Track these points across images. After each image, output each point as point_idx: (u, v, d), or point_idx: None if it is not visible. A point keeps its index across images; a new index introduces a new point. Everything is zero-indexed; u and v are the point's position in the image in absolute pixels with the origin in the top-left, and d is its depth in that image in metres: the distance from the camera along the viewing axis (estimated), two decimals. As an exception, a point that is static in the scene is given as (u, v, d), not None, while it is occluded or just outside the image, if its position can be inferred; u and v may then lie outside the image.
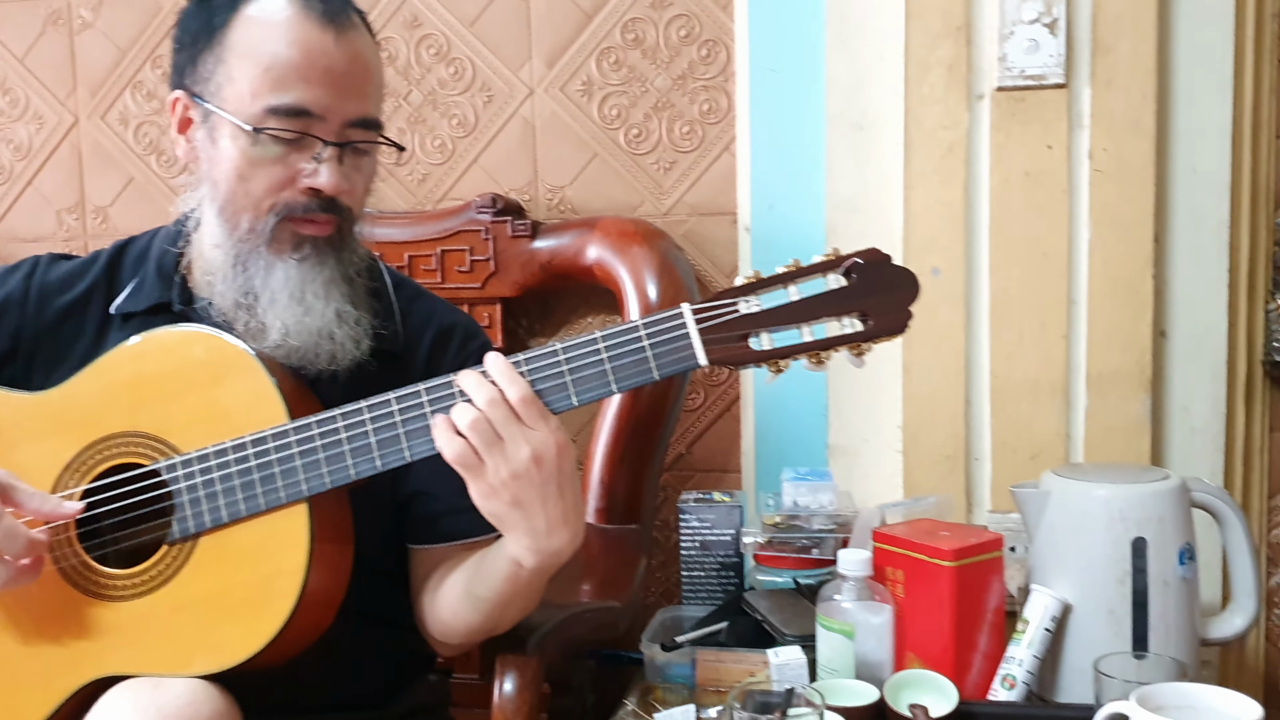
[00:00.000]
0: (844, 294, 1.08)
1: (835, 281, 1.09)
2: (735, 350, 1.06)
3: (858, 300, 1.08)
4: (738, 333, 1.06)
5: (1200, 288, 1.59)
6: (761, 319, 1.07)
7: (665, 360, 1.05)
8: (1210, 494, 1.27)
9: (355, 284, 1.18)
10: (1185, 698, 0.96)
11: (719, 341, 1.05)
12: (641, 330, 1.05)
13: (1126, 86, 1.52)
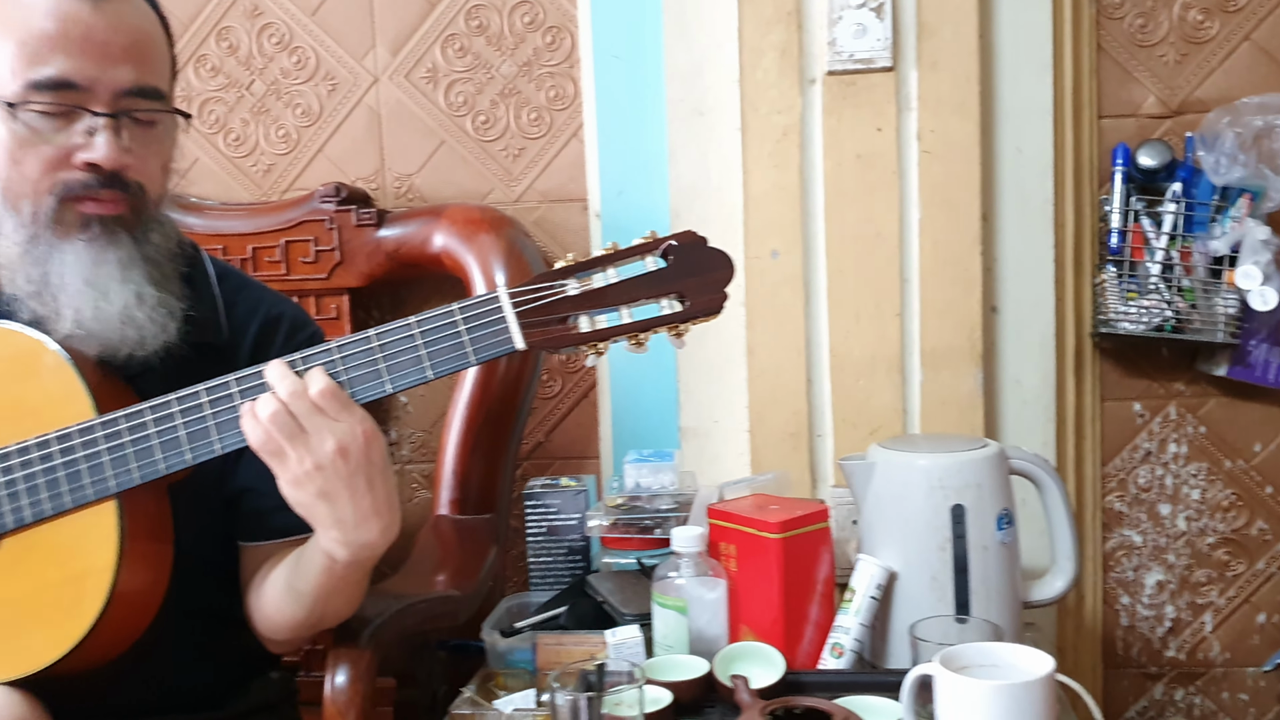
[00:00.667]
0: (662, 276, 1.09)
1: (654, 263, 1.10)
2: (554, 333, 1.06)
3: (675, 282, 1.09)
4: (557, 315, 1.07)
5: (1028, 264, 1.64)
6: (581, 301, 1.07)
7: (482, 344, 1.05)
8: (1028, 461, 1.32)
9: (163, 267, 1.14)
10: (988, 657, 0.99)
11: (537, 324, 1.05)
12: (458, 315, 1.04)
13: (951, 69, 1.56)
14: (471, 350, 1.04)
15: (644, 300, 1.09)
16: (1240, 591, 1.77)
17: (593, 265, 1.09)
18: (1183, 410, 1.75)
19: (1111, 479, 1.78)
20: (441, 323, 1.04)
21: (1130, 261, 1.66)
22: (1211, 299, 1.65)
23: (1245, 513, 1.76)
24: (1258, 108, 1.61)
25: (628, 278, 1.09)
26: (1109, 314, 1.67)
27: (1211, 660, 1.79)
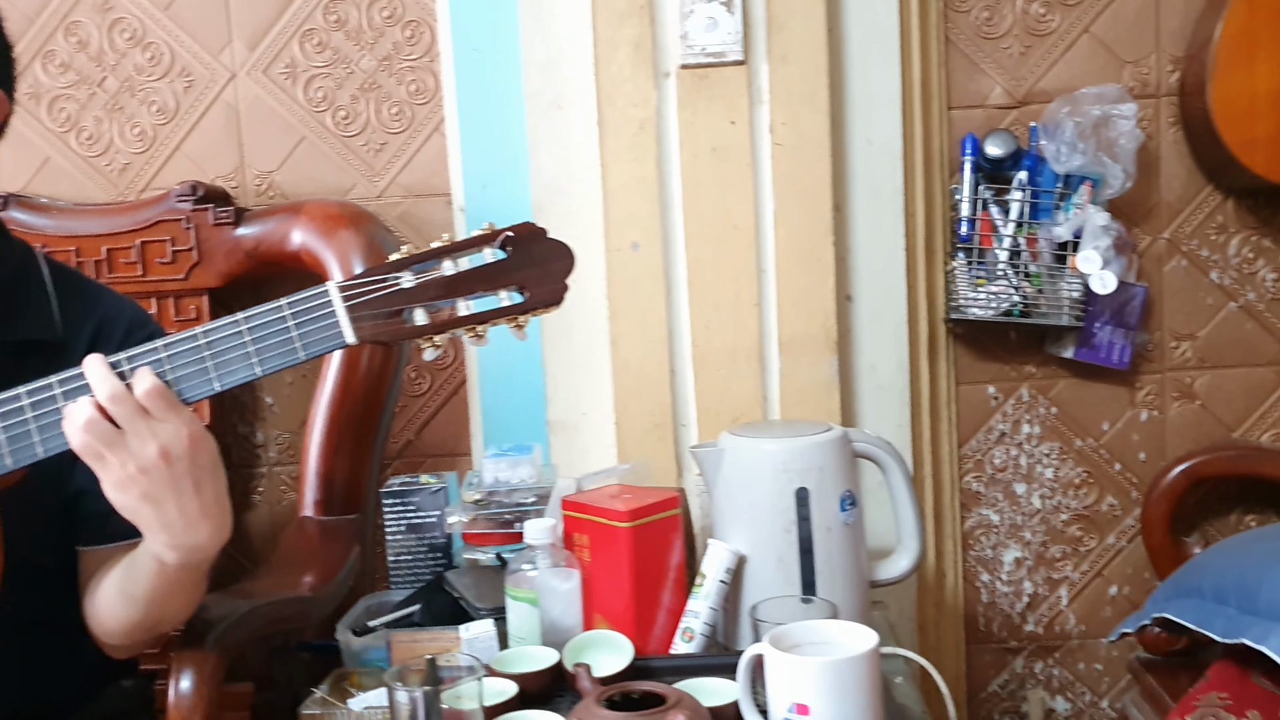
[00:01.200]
0: (501, 267, 1.09)
1: (492, 255, 1.10)
2: (387, 326, 1.06)
3: (515, 273, 1.09)
4: (390, 309, 1.06)
5: (881, 253, 1.68)
6: (416, 294, 1.07)
7: (312, 339, 1.03)
8: (871, 444, 1.35)
9: None
10: (818, 634, 1.02)
11: (369, 318, 1.05)
12: (286, 310, 1.03)
13: (801, 62, 1.59)
14: (300, 345, 1.03)
15: (482, 292, 1.09)
16: (1093, 565, 1.84)
17: (429, 258, 1.09)
18: (1034, 392, 1.81)
19: (968, 460, 1.83)
20: (270, 319, 1.03)
21: (979, 249, 1.72)
22: (1057, 284, 1.71)
23: (1096, 489, 1.83)
24: (1095, 98, 1.67)
25: (465, 270, 1.09)
26: (959, 300, 1.72)
27: (1068, 633, 1.86)
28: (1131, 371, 1.79)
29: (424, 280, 1.08)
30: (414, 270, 1.08)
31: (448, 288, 1.08)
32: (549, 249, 1.11)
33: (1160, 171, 1.76)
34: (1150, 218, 1.77)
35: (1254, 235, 1.77)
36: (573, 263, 1.11)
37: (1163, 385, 1.80)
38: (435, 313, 1.09)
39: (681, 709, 0.96)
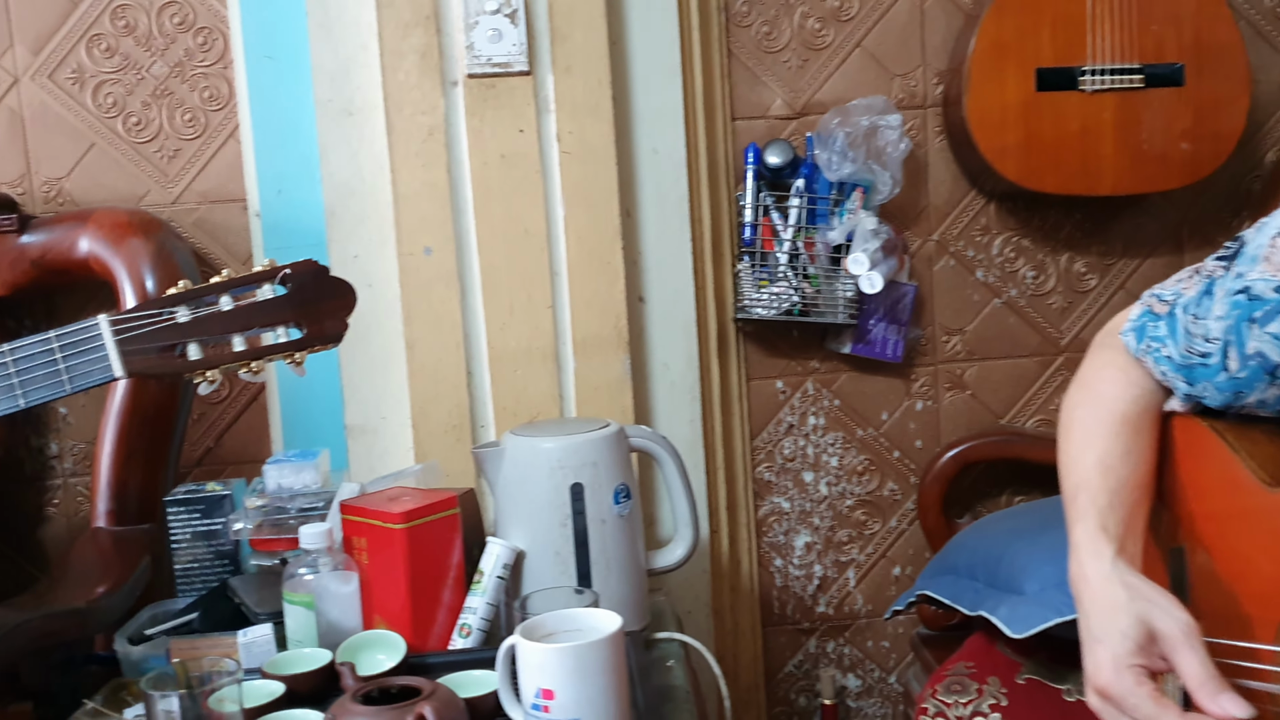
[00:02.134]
0: (280, 304, 1.12)
1: (271, 291, 1.12)
2: (159, 361, 1.07)
3: (294, 310, 1.12)
4: (163, 343, 1.07)
5: (669, 256, 1.75)
6: (190, 329, 1.09)
7: (79, 373, 1.04)
8: (646, 438, 1.42)
9: None
10: (570, 622, 1.07)
11: (140, 352, 1.06)
12: (54, 343, 1.04)
13: (584, 73, 1.65)
14: (68, 379, 1.04)
15: (259, 328, 1.11)
16: (877, 548, 1.96)
17: (206, 293, 1.11)
18: (819, 385, 1.91)
19: (760, 451, 1.92)
20: (36, 350, 1.04)
21: (762, 252, 1.80)
22: (833, 284, 1.81)
23: (878, 475, 1.94)
24: (864, 109, 1.77)
25: (242, 305, 1.11)
26: (745, 300, 1.81)
27: (856, 612, 1.97)
28: (906, 364, 1.90)
29: (199, 315, 1.10)
30: (190, 305, 1.10)
31: (224, 323, 1.10)
32: (329, 286, 1.14)
33: (928, 178, 1.88)
34: (920, 221, 1.89)
35: (1014, 236, 1.90)
36: (353, 300, 1.15)
37: (935, 376, 1.92)
38: (210, 348, 1.11)
39: (432, 700, 1.00)
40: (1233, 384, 0.87)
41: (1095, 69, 1.71)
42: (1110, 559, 0.86)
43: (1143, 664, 0.80)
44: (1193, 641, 0.78)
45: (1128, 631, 0.81)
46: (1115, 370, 0.97)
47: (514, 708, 1.06)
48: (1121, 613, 0.82)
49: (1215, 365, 0.87)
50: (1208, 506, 0.90)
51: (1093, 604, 0.85)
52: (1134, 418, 0.94)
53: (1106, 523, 0.88)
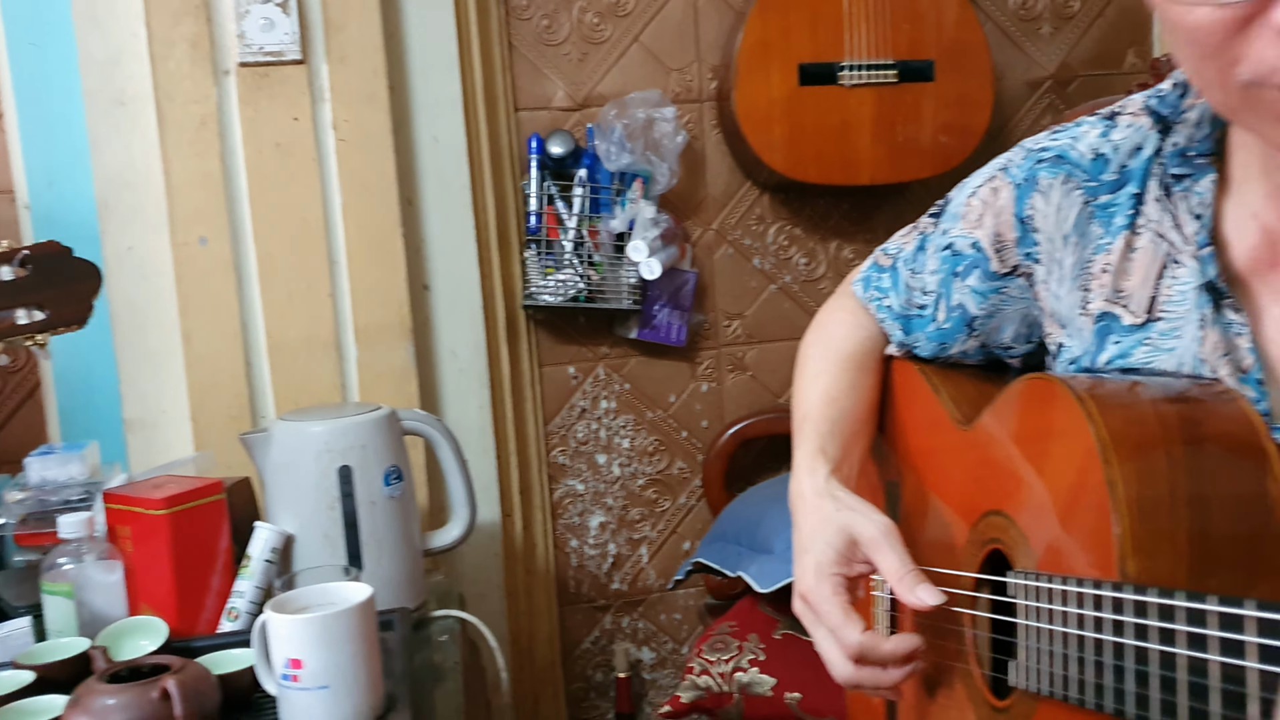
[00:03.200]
0: (20, 285, 1.10)
1: (10, 273, 1.10)
2: (-116, 340, 1.04)
3: (35, 292, 1.11)
4: (-112, 322, 1.05)
5: (454, 244, 1.79)
6: (-82, 308, 1.06)
7: None
8: (418, 420, 1.45)
9: None
10: (324, 596, 1.09)
11: None
12: None
13: (359, 63, 1.66)
14: None
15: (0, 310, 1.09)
16: (668, 524, 2.03)
17: None
18: (609, 370, 1.98)
19: (554, 435, 1.97)
20: None
21: (547, 240, 1.85)
22: (617, 271, 1.87)
23: (667, 455, 2.01)
24: (641, 101, 1.84)
25: None
26: (532, 288, 1.85)
27: (650, 587, 2.04)
28: (691, 348, 1.98)
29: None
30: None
31: (-44, 305, 1.08)
32: (73, 268, 1.13)
33: (706, 169, 1.96)
34: (700, 210, 1.97)
35: (787, 225, 2.00)
36: (98, 283, 1.14)
37: (719, 359, 2.01)
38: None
39: (179, 675, 1.01)
40: (939, 334, 0.95)
41: (853, 65, 1.82)
42: (824, 477, 0.91)
43: (843, 572, 0.85)
44: (891, 541, 0.84)
45: (831, 540, 0.86)
46: (845, 314, 1.04)
47: (268, 680, 1.08)
48: (828, 523, 0.87)
49: (929, 316, 0.95)
50: (917, 442, 0.97)
51: (804, 517, 0.91)
52: (859, 357, 1.01)
53: (825, 446, 0.94)
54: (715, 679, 1.46)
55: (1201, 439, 0.66)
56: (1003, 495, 0.79)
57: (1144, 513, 0.64)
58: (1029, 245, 0.85)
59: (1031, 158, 0.85)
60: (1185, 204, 0.74)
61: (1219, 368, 0.70)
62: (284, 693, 1.04)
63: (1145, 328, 0.76)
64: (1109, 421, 0.67)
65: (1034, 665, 0.69)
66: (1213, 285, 0.71)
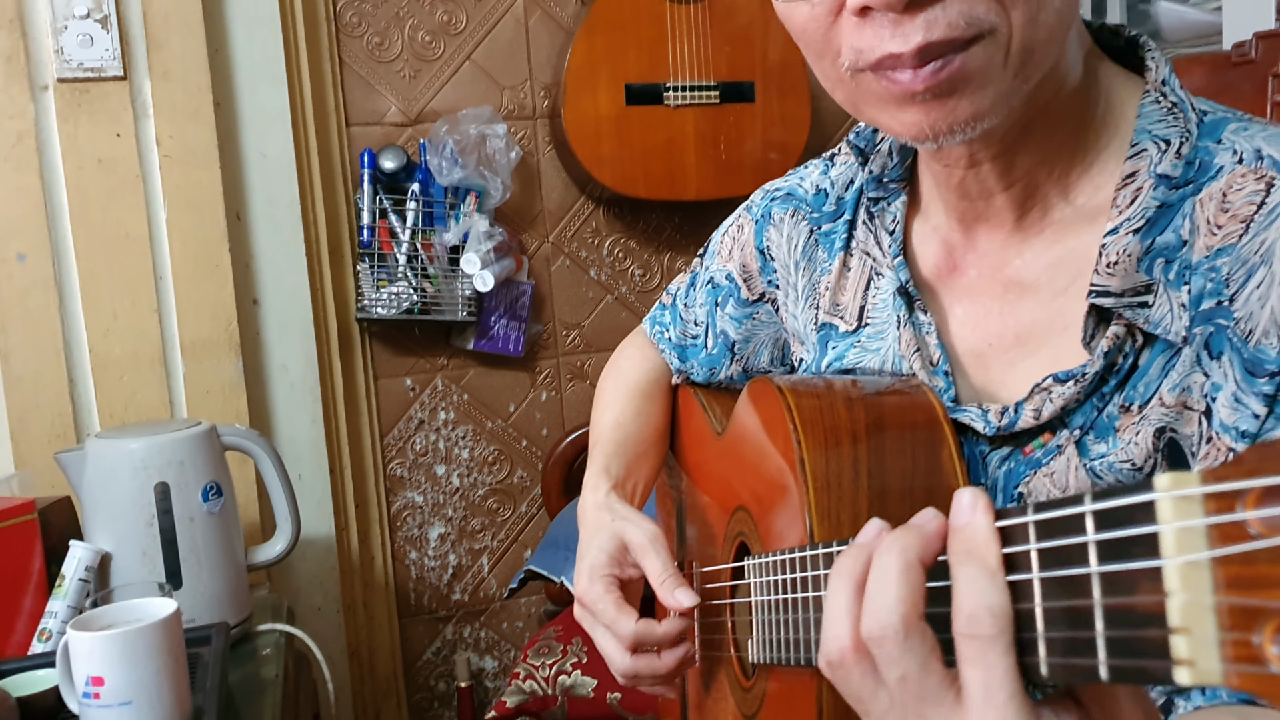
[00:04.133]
0: None
1: None
2: None
3: None
4: None
5: (283, 259, 1.79)
6: None
7: None
8: (239, 436, 1.46)
9: None
10: (129, 613, 1.10)
11: None
12: None
13: (183, 79, 1.66)
14: None
15: None
16: (509, 534, 2.07)
17: None
18: (448, 381, 2.00)
19: (392, 448, 1.99)
20: None
21: (380, 253, 1.87)
22: (453, 283, 1.90)
23: (507, 465, 2.05)
24: (473, 118, 1.88)
25: None
26: (365, 301, 1.87)
27: (491, 597, 2.07)
28: (529, 358, 2.03)
29: None
30: None
31: None
32: None
33: (542, 184, 2.01)
34: (537, 224, 2.02)
35: (622, 238, 2.06)
36: None
37: (558, 369, 2.06)
38: None
39: (-29, 697, 1.01)
40: (709, 360, 1.03)
41: (677, 86, 1.89)
42: (605, 492, 0.98)
43: (614, 574, 0.91)
44: (656, 547, 0.89)
45: (604, 545, 0.92)
46: (635, 350, 1.12)
47: (71, 699, 1.08)
48: (603, 531, 0.93)
49: (700, 345, 1.03)
50: (692, 457, 1.05)
51: (585, 529, 0.97)
52: (646, 386, 1.09)
53: (609, 466, 1.01)
54: (540, 683, 1.50)
55: (885, 423, 0.74)
56: (743, 490, 0.86)
57: (829, 485, 0.71)
58: (769, 273, 0.94)
59: (767, 196, 0.95)
60: (882, 223, 0.83)
61: (913, 362, 0.79)
62: (86, 711, 1.05)
63: (856, 333, 0.84)
64: (803, 410, 0.74)
65: (763, 639, 0.76)
66: (904, 290, 0.79)
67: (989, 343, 0.76)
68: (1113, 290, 0.66)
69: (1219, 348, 0.64)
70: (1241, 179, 0.65)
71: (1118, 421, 0.68)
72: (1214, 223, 0.65)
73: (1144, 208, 0.67)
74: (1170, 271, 0.66)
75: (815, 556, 0.64)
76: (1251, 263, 0.63)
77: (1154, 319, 0.66)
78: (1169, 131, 0.68)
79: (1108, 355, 0.68)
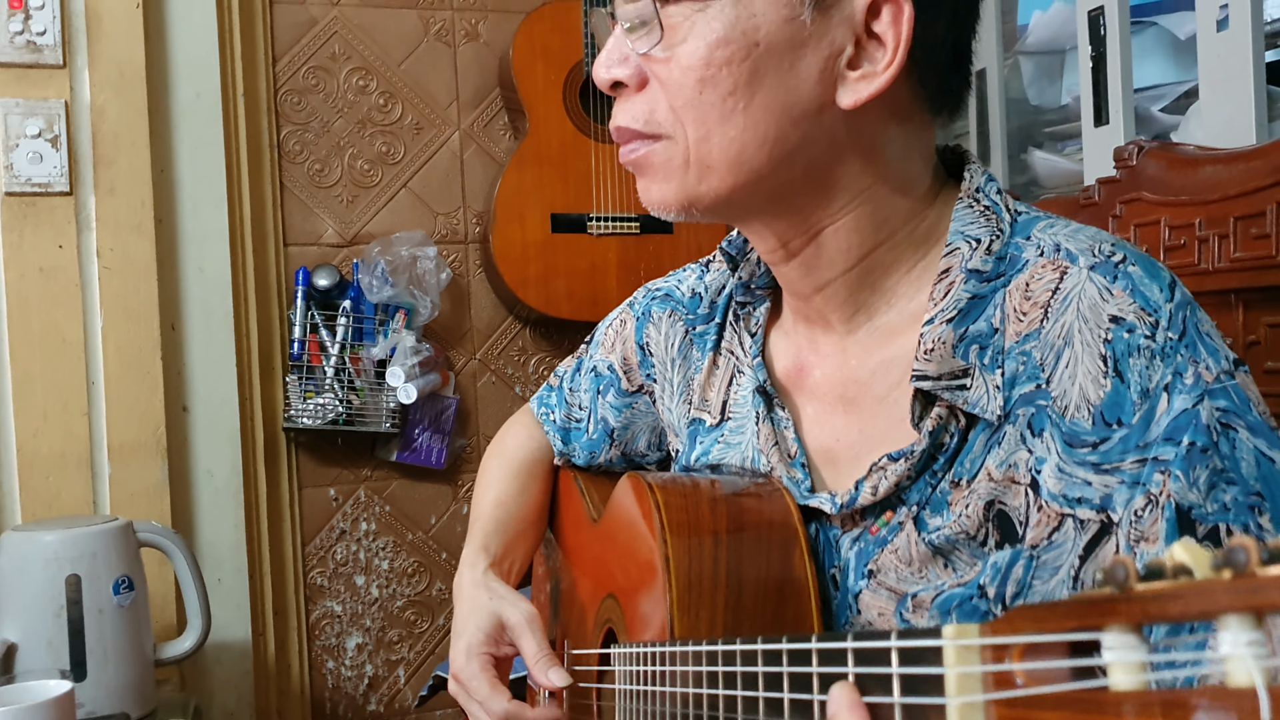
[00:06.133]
0: None
1: None
2: None
3: None
4: None
5: (215, 369, 1.87)
6: None
7: None
8: (155, 533, 1.51)
9: None
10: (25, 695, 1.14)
11: None
12: None
13: (128, 195, 1.76)
14: None
15: None
16: (426, 645, 2.10)
17: None
18: (370, 493, 2.06)
19: (313, 557, 2.03)
20: None
21: (309, 365, 1.96)
22: (378, 396, 1.98)
23: (427, 576, 2.09)
24: (406, 240, 1.99)
25: None
26: (293, 411, 1.94)
27: (407, 708, 2.09)
28: (452, 471, 2.09)
29: None
30: None
31: None
32: None
33: (471, 304, 2.11)
34: (465, 342, 2.11)
35: (547, 356, 2.16)
36: None
37: (479, 483, 2.12)
38: None
39: None
40: (590, 444, 1.09)
41: (601, 216, 2.02)
42: (483, 570, 1.01)
43: (490, 652, 0.95)
44: (532, 628, 0.94)
45: (481, 624, 0.95)
46: (521, 428, 1.17)
47: (-41, 780, 1.11)
48: (480, 610, 0.97)
49: (582, 429, 1.09)
50: (569, 540, 1.10)
51: (460, 606, 1.00)
52: (530, 465, 1.13)
53: (488, 543, 1.05)
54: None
55: (744, 524, 0.81)
56: (612, 579, 0.92)
57: (690, 582, 0.78)
58: (648, 367, 1.01)
59: (649, 295, 1.02)
60: (746, 326, 0.91)
61: (772, 456, 0.85)
62: (-27, 787, 1.07)
63: (720, 427, 0.91)
64: (670, 508, 0.81)
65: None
66: (763, 389, 0.87)
67: (836, 438, 0.83)
68: (930, 374, 0.73)
69: (1040, 425, 0.70)
70: (1041, 269, 0.73)
71: (950, 496, 0.74)
72: (1019, 310, 0.73)
73: (956, 299, 0.74)
74: (985, 357, 0.73)
75: (674, 653, 0.70)
76: (1058, 346, 0.70)
77: (972, 400, 0.73)
78: (980, 231, 0.76)
79: (934, 435, 0.74)
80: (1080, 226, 0.77)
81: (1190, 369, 0.68)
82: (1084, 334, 0.70)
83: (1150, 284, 0.70)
